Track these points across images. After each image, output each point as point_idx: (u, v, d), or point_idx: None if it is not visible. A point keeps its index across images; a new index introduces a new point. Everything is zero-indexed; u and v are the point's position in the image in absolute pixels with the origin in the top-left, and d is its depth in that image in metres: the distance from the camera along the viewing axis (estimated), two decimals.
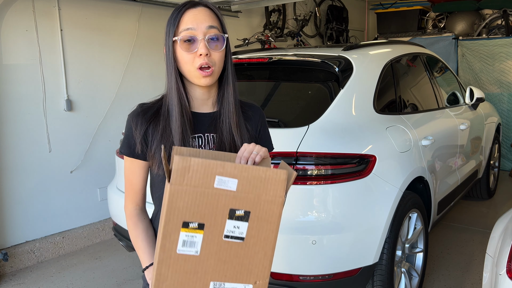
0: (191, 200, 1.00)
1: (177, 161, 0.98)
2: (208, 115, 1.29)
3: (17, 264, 3.40)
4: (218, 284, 1.05)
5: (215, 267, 1.04)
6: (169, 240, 1.00)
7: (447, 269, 3.20)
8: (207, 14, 1.21)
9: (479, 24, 6.48)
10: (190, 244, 1.02)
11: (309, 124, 2.27)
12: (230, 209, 1.02)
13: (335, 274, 2.16)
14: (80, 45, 3.76)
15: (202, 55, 1.18)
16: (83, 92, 3.80)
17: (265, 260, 1.06)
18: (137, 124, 1.24)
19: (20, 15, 3.37)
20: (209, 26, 1.19)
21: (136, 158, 1.27)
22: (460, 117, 3.62)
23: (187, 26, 1.19)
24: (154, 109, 1.27)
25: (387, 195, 2.31)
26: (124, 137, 1.28)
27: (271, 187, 1.03)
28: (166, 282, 1.02)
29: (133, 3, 4.12)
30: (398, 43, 3.45)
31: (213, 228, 1.02)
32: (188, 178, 0.99)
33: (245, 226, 1.04)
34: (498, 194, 4.96)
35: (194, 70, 1.20)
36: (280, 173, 1.02)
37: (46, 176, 3.60)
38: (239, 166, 1.01)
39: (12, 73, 3.36)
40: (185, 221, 1.00)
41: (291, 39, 6.23)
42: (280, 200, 1.04)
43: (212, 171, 1.00)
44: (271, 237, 1.06)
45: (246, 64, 2.81)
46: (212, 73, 1.20)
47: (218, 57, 1.22)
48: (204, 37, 1.18)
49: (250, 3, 4.87)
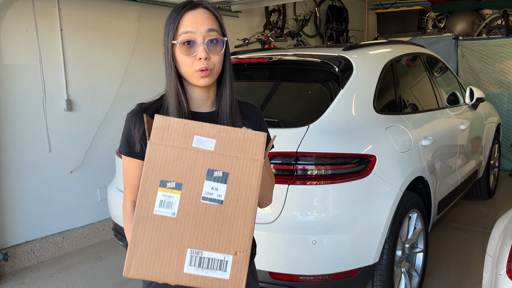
0: (169, 159, 1.00)
1: (157, 119, 1.00)
2: (206, 115, 1.30)
3: (17, 264, 3.40)
4: (196, 252, 1.02)
5: (193, 232, 1.02)
6: (147, 199, 1.00)
7: (447, 269, 3.20)
8: (207, 16, 1.21)
9: (479, 24, 6.48)
10: (168, 204, 1.01)
11: (309, 124, 2.27)
12: (208, 169, 1.02)
13: (335, 274, 2.16)
14: (80, 45, 3.76)
15: (201, 59, 1.18)
16: (83, 92, 3.80)
17: (245, 228, 1.03)
18: (136, 123, 1.25)
19: (20, 15, 3.37)
20: (209, 29, 1.19)
21: (134, 158, 1.27)
22: (460, 117, 3.62)
23: (186, 29, 1.18)
24: (153, 109, 1.27)
25: (387, 195, 2.31)
26: (122, 136, 1.29)
27: (250, 148, 1.02)
28: (141, 246, 1.00)
29: (133, 3, 4.12)
30: (398, 43, 3.45)
31: (191, 189, 1.01)
32: (167, 137, 1.00)
33: (223, 188, 1.02)
34: (498, 194, 4.96)
35: (192, 72, 1.20)
36: (259, 135, 1.03)
37: (46, 176, 3.60)
38: (217, 127, 1.02)
39: (12, 73, 3.36)
40: (163, 179, 1.00)
41: (291, 39, 6.23)
42: (259, 161, 1.03)
43: (191, 131, 1.01)
44: (250, 201, 1.03)
45: (246, 64, 2.81)
46: (211, 74, 1.21)
47: (217, 60, 1.22)
48: (204, 41, 1.18)
49: (250, 3, 4.87)
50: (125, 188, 1.32)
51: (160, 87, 1.33)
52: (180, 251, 1.01)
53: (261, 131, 1.03)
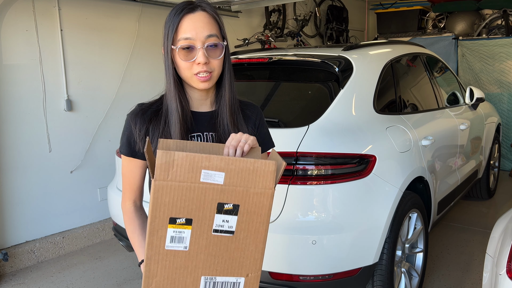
0: (177, 196, 0.97)
1: (160, 156, 0.96)
2: (206, 114, 1.30)
3: (17, 264, 3.40)
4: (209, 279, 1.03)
5: (205, 261, 1.02)
6: (157, 236, 0.99)
7: (447, 269, 3.20)
8: (206, 20, 1.20)
9: (479, 24, 6.48)
10: (179, 240, 1.00)
11: (309, 124, 2.27)
12: (218, 203, 1.00)
13: (335, 274, 2.16)
14: (80, 45, 3.77)
15: (200, 64, 1.18)
16: (83, 92, 3.80)
17: (256, 253, 1.04)
18: (136, 123, 1.25)
19: (20, 15, 3.37)
20: (208, 35, 1.19)
21: (135, 158, 1.27)
22: (460, 117, 3.62)
23: (185, 35, 1.18)
24: (153, 109, 1.28)
25: (387, 195, 2.31)
26: (122, 136, 1.29)
27: (260, 179, 1.00)
28: (156, 278, 1.01)
29: (133, 3, 4.12)
30: (398, 43, 3.45)
31: (202, 223, 1.00)
32: (173, 173, 0.96)
33: (234, 220, 1.02)
34: (498, 194, 4.96)
35: (191, 76, 1.21)
36: (268, 164, 0.99)
37: (46, 176, 3.60)
38: (225, 159, 0.98)
39: (12, 73, 3.36)
40: (172, 217, 0.98)
41: (291, 39, 6.23)
42: (270, 192, 1.01)
43: (198, 165, 0.97)
44: (261, 230, 1.04)
45: (246, 64, 2.81)
46: (211, 78, 1.21)
47: (217, 64, 1.22)
48: (203, 46, 1.18)
49: (250, 3, 4.87)
50: (124, 187, 1.33)
51: (160, 87, 1.33)
52: (195, 279, 1.03)
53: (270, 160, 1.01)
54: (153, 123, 1.25)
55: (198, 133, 1.27)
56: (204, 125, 1.29)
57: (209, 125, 1.29)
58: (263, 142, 1.36)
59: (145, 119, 1.25)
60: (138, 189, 1.33)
